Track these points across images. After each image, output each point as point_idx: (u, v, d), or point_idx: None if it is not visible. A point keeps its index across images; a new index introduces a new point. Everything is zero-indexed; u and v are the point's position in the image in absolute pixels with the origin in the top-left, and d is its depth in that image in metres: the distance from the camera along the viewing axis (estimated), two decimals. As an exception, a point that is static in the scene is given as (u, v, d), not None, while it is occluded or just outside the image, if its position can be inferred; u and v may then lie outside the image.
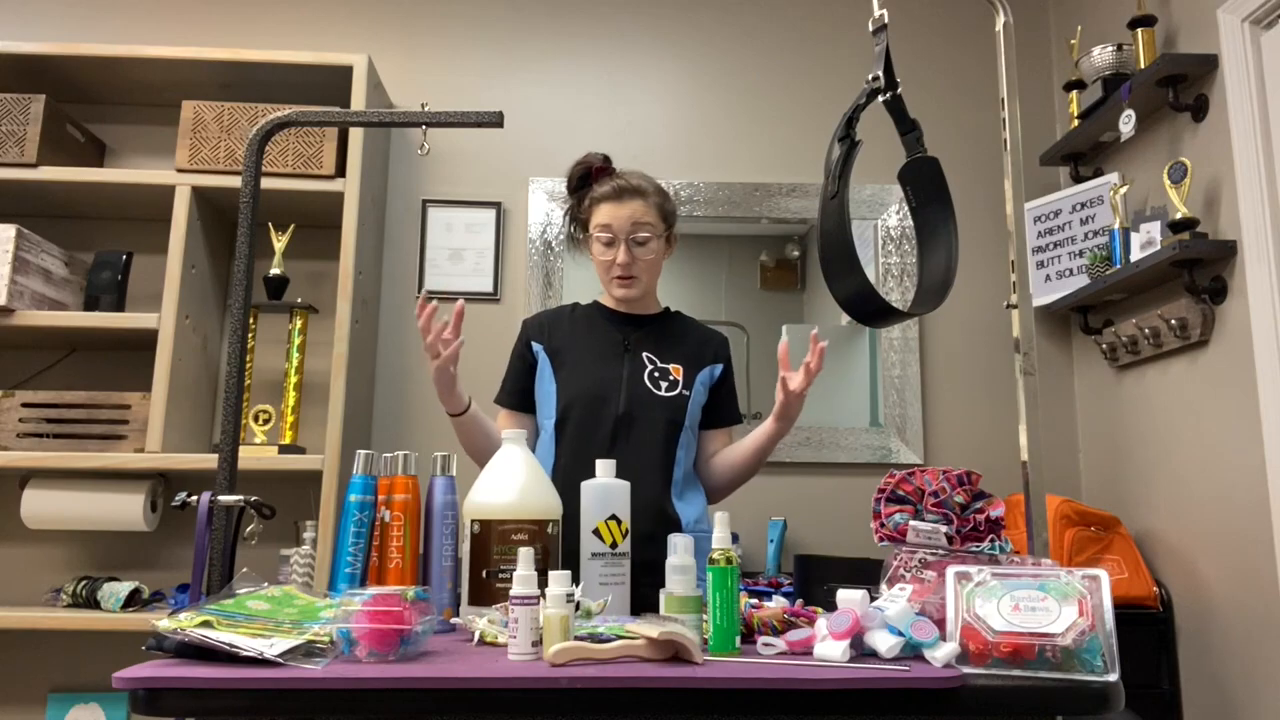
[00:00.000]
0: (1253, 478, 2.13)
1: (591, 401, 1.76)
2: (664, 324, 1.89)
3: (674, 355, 1.83)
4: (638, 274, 1.81)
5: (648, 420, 1.76)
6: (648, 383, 1.79)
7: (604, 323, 1.87)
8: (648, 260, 1.81)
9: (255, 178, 1.52)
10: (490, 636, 1.24)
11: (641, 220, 1.79)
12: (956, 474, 1.30)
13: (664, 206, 1.85)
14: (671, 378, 1.80)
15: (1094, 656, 1.01)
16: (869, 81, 1.47)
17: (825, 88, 3.03)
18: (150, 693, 0.97)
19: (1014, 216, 1.52)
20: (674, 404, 1.78)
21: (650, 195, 1.82)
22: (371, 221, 2.72)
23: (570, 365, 1.81)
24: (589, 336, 1.85)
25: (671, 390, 1.79)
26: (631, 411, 1.76)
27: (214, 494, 1.41)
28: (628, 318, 1.87)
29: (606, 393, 1.77)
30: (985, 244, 2.96)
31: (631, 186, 1.81)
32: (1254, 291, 2.12)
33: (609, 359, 1.81)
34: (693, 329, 1.91)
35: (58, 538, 2.65)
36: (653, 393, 1.78)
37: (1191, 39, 2.38)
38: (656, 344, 1.84)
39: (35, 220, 2.79)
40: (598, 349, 1.82)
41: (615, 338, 1.84)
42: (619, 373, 1.79)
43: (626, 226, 1.78)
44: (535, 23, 3.04)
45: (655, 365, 1.81)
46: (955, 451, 2.85)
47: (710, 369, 1.86)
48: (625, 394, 1.77)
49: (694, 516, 1.78)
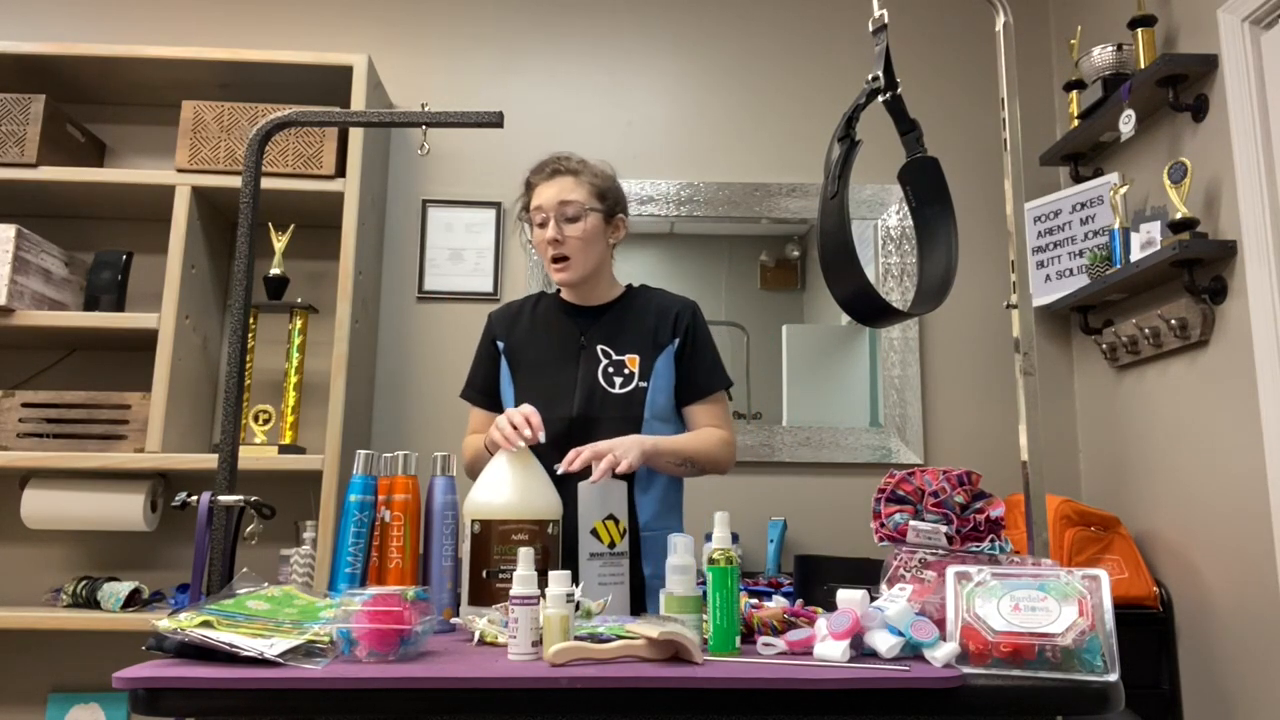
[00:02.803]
0: (1253, 477, 2.13)
1: (547, 405, 1.69)
2: (622, 310, 1.83)
3: (630, 344, 1.78)
4: (570, 253, 1.75)
5: (604, 420, 1.71)
6: (602, 381, 1.74)
7: (561, 318, 1.83)
8: (577, 238, 1.75)
9: (255, 178, 1.52)
10: (490, 636, 1.24)
11: (569, 197, 1.74)
12: (956, 474, 1.30)
13: (598, 185, 1.79)
14: (627, 371, 1.75)
15: (1094, 656, 1.01)
16: (869, 81, 1.47)
17: (825, 88, 3.03)
18: (150, 693, 0.97)
19: (1014, 216, 1.51)
20: (630, 400, 1.73)
21: (582, 173, 1.78)
22: (371, 221, 2.72)
23: (526, 367, 1.79)
24: (546, 334, 1.81)
25: (627, 385, 1.74)
26: (586, 413, 1.72)
27: (214, 494, 1.41)
28: (584, 310, 1.83)
29: (561, 395, 1.74)
30: (985, 244, 2.96)
31: (562, 166, 1.77)
32: (1254, 291, 2.12)
33: (564, 359, 1.78)
34: (652, 306, 1.83)
35: (58, 538, 2.65)
36: (608, 391, 1.73)
37: (1191, 39, 2.38)
38: (612, 335, 1.79)
39: (35, 220, 2.79)
40: (553, 348, 1.79)
41: (572, 333, 1.80)
42: (573, 374, 1.76)
43: (554, 204, 1.74)
44: (535, 23, 3.04)
45: (610, 359, 1.76)
46: (955, 451, 2.85)
47: (670, 347, 1.79)
48: (580, 395, 1.73)
49: (651, 513, 1.73)
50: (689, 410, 1.81)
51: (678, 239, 2.94)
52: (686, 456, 1.70)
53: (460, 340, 2.84)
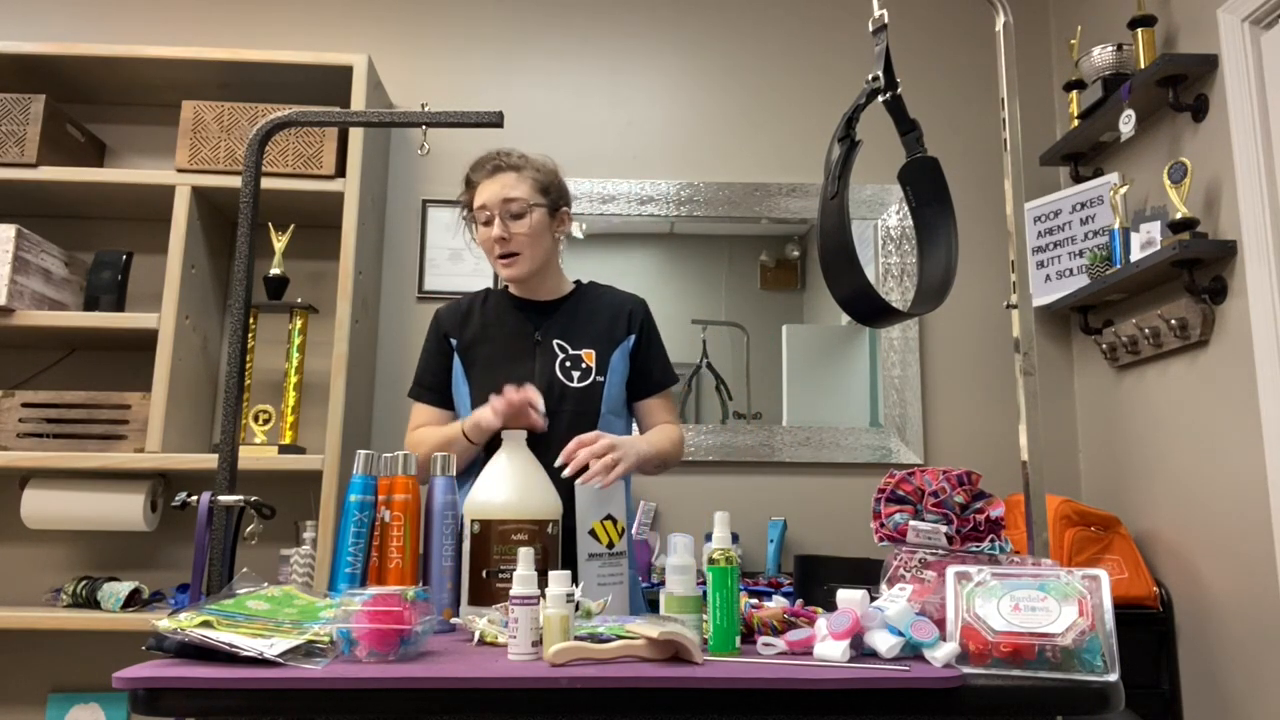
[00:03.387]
0: (1253, 477, 2.13)
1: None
2: (575, 305, 1.83)
3: (586, 338, 1.78)
4: (519, 249, 1.75)
5: (562, 414, 1.72)
6: (560, 375, 1.74)
7: (513, 313, 1.82)
8: (523, 234, 1.74)
9: (255, 178, 1.52)
10: (490, 636, 1.24)
11: (513, 194, 1.73)
12: (956, 474, 1.30)
13: (541, 180, 1.78)
14: (584, 365, 1.76)
15: (1094, 656, 1.01)
16: (869, 81, 1.47)
17: (825, 88, 3.03)
18: (150, 693, 0.97)
19: (1014, 216, 1.51)
20: (588, 394, 1.74)
21: (525, 169, 1.77)
22: (371, 221, 2.72)
23: (481, 364, 1.78)
24: (499, 330, 1.80)
25: (585, 379, 1.75)
26: (547, 408, 1.70)
27: (214, 494, 1.41)
28: (535, 305, 1.83)
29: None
30: (985, 244, 2.95)
31: (504, 162, 1.77)
32: (1254, 291, 2.12)
33: (519, 355, 1.77)
34: (605, 303, 1.85)
35: (58, 538, 2.65)
36: (566, 385, 1.74)
37: (1191, 39, 2.38)
38: (567, 330, 1.79)
39: (35, 220, 2.79)
40: (507, 344, 1.78)
41: (526, 329, 1.79)
42: (530, 368, 1.75)
43: (498, 201, 1.73)
44: (536, 22, 3.04)
45: (567, 354, 1.76)
46: (955, 451, 2.85)
47: (625, 343, 1.81)
48: (539, 388, 1.71)
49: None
50: (645, 404, 1.84)
51: (678, 239, 2.94)
52: (661, 458, 1.75)
53: (460, 340, 2.83)
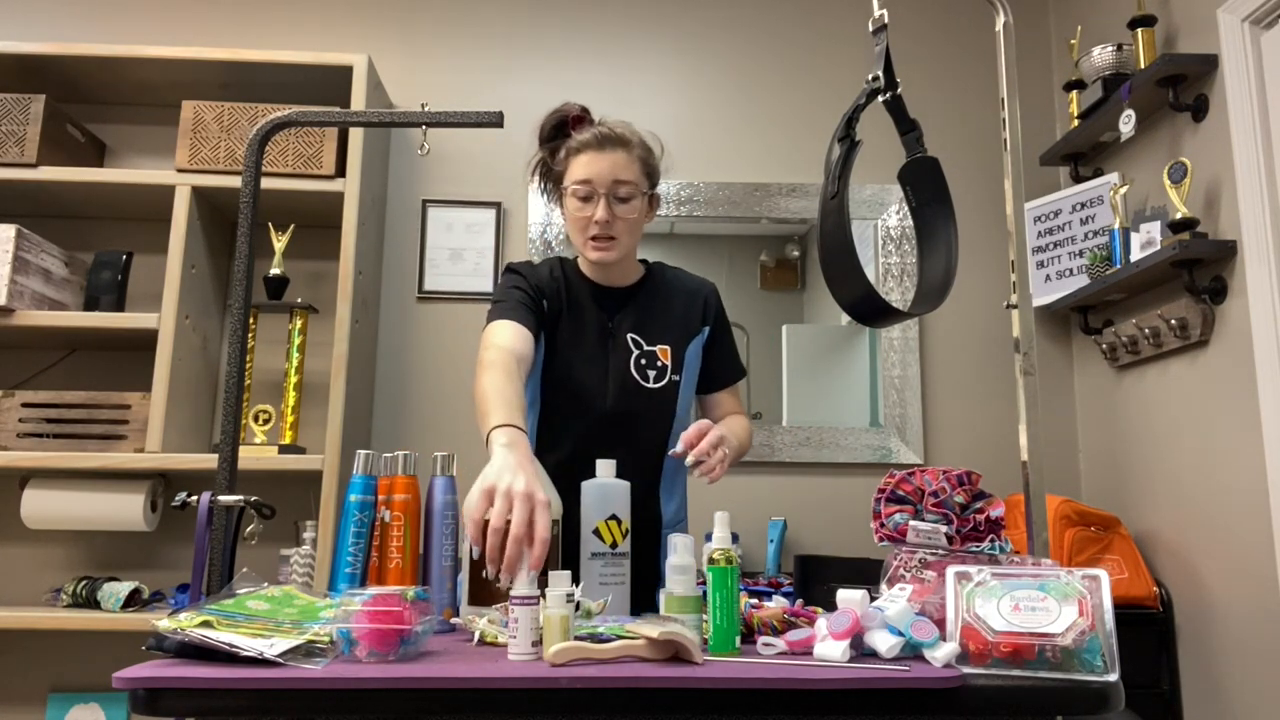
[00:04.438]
0: (1253, 478, 2.13)
1: (577, 399, 1.64)
2: (647, 293, 1.73)
3: (660, 332, 1.69)
4: (618, 234, 1.62)
5: (637, 416, 1.65)
6: (635, 374, 1.65)
7: (589, 299, 1.70)
8: (629, 220, 1.62)
9: (255, 178, 1.52)
10: (490, 636, 1.24)
11: (625, 176, 1.60)
12: (956, 474, 1.30)
13: (649, 162, 1.67)
14: (660, 363, 1.67)
15: (1094, 656, 1.01)
16: (869, 81, 1.47)
17: (825, 88, 3.03)
18: (150, 693, 0.97)
19: (1014, 216, 1.51)
20: (664, 395, 1.66)
21: (635, 147, 1.64)
22: (371, 221, 2.72)
23: (559, 352, 1.67)
24: (577, 315, 1.69)
25: (660, 379, 1.66)
26: (620, 407, 1.64)
27: (214, 494, 1.41)
28: (610, 292, 1.71)
29: (593, 389, 1.65)
30: (985, 244, 2.96)
31: (615, 135, 1.62)
32: (1254, 291, 2.12)
33: (594, 348, 1.67)
34: (678, 289, 1.75)
35: (58, 538, 2.65)
36: (640, 384, 1.65)
37: (1191, 39, 2.38)
38: (640, 321, 1.69)
39: (35, 220, 2.79)
40: (583, 334, 1.68)
41: (600, 318, 1.68)
42: (604, 365, 1.66)
43: (607, 181, 1.59)
44: (535, 23, 3.04)
45: (641, 350, 1.67)
46: (955, 451, 2.85)
47: (700, 336, 1.73)
48: (613, 390, 1.65)
49: (674, 510, 1.71)
50: (715, 397, 1.78)
51: (678, 239, 2.94)
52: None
53: (460, 340, 2.84)
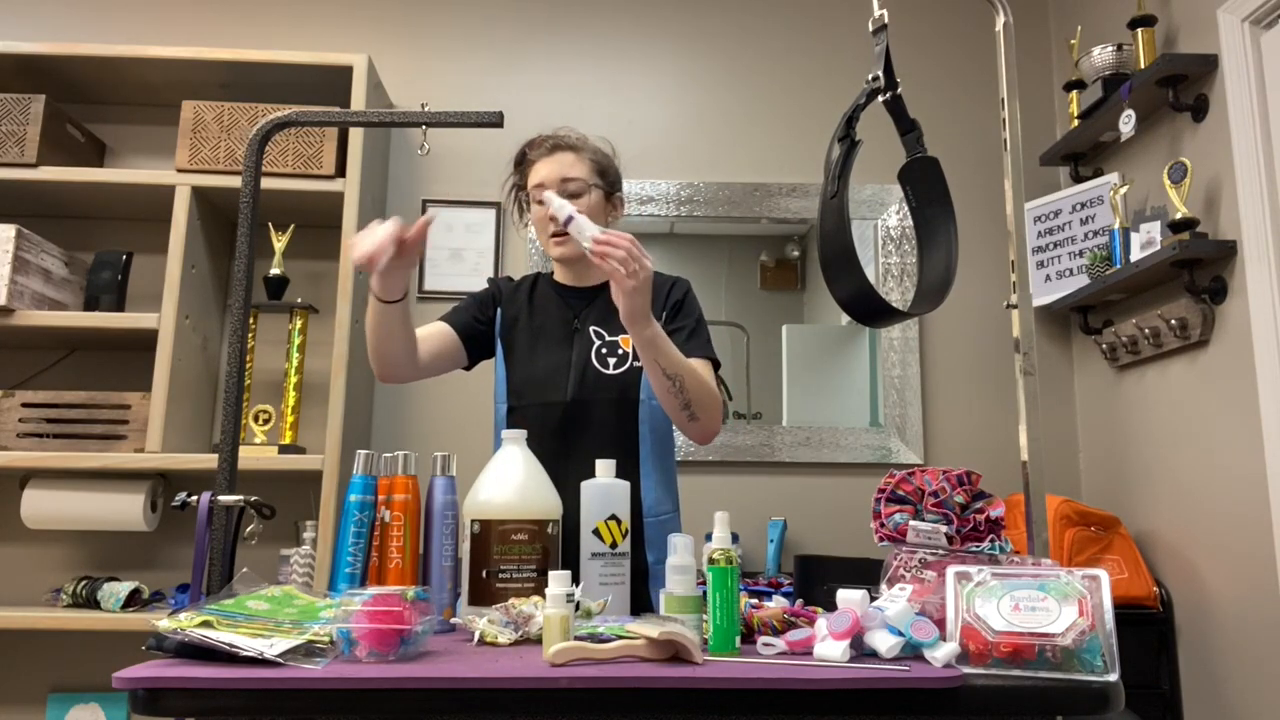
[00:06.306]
0: (1253, 477, 2.13)
1: (540, 390, 1.71)
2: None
3: (623, 325, 1.69)
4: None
5: (598, 403, 1.70)
6: (595, 362, 1.72)
7: (555, 300, 1.81)
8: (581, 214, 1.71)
9: (255, 178, 1.52)
10: (490, 636, 1.24)
11: (571, 174, 1.74)
12: (956, 474, 1.30)
13: (600, 162, 1.79)
14: (620, 351, 1.73)
15: (1094, 656, 1.01)
16: (869, 81, 1.47)
17: (825, 88, 3.03)
18: (150, 693, 0.97)
19: (1014, 216, 1.51)
20: (625, 380, 1.71)
21: (583, 150, 1.78)
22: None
23: (519, 349, 1.78)
24: (540, 316, 1.80)
25: (621, 365, 1.72)
26: (580, 396, 1.70)
27: (214, 494, 1.41)
28: (578, 291, 1.81)
29: (555, 380, 1.72)
30: (985, 244, 2.95)
31: (565, 142, 1.78)
32: (1254, 291, 2.12)
33: (557, 342, 1.76)
34: None
35: (58, 538, 2.65)
36: (601, 372, 1.71)
37: (1191, 39, 2.38)
38: (605, 317, 1.76)
39: (35, 220, 2.79)
40: (546, 331, 1.78)
41: (565, 317, 1.78)
42: (566, 356, 1.74)
43: (556, 179, 1.74)
44: (536, 22, 3.04)
45: (603, 340, 1.74)
46: (955, 451, 2.85)
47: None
48: (573, 378, 1.71)
49: (654, 499, 1.70)
50: None
51: (678, 239, 2.94)
52: (677, 370, 1.58)
53: (460, 340, 2.83)
